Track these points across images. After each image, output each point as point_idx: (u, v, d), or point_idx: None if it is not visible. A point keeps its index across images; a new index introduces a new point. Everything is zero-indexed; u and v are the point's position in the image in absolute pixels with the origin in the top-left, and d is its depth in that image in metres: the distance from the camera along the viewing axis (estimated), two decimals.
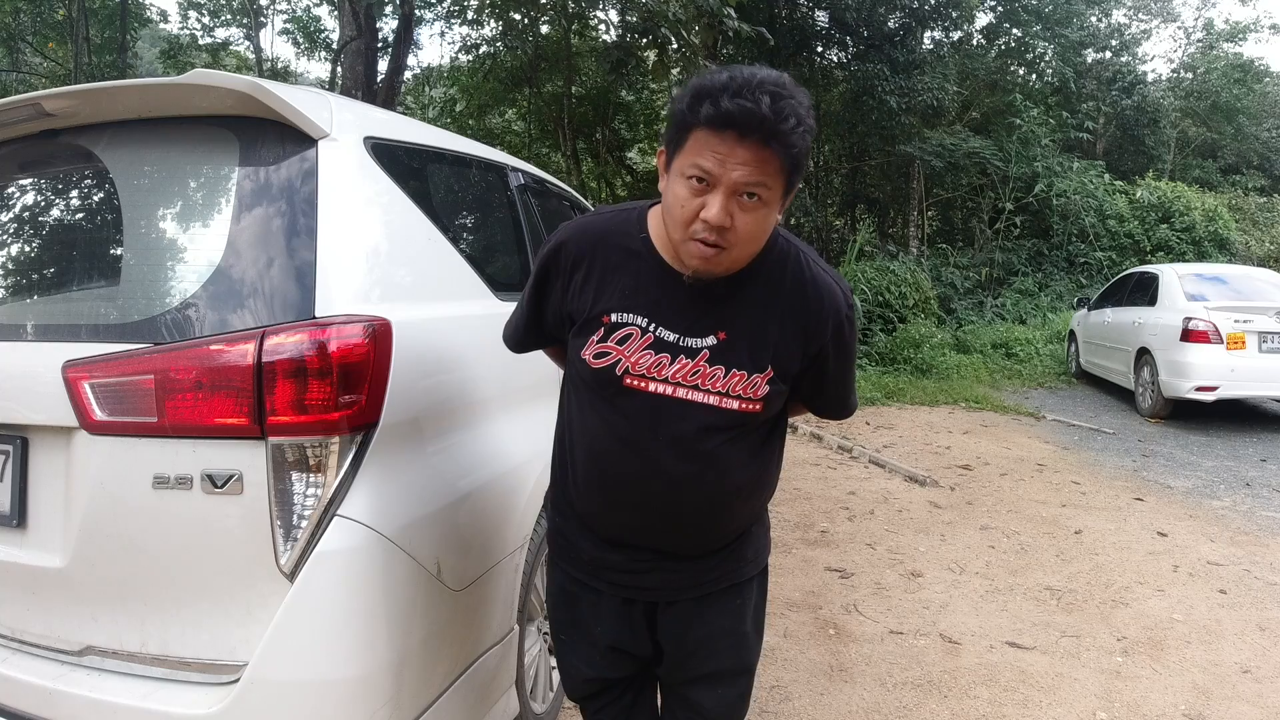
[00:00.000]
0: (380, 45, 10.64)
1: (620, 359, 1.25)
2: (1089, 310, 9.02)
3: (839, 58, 13.91)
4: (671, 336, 1.25)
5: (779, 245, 1.29)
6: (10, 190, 1.74)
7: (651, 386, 1.24)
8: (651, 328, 1.25)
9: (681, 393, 1.24)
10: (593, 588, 1.42)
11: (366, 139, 1.66)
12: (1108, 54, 17.25)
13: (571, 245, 1.32)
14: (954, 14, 12.95)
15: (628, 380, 1.25)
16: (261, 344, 1.34)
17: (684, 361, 1.24)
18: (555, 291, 1.34)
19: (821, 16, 13.15)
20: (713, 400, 1.24)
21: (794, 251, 1.30)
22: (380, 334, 1.43)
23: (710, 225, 1.12)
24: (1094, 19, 16.79)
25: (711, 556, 1.38)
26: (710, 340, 1.24)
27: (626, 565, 1.38)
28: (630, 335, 1.25)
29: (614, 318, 1.26)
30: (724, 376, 1.24)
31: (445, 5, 13.18)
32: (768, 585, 1.52)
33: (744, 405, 1.25)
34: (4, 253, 1.70)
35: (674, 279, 1.25)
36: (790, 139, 1.09)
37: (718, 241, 1.14)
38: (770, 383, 1.25)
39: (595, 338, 1.26)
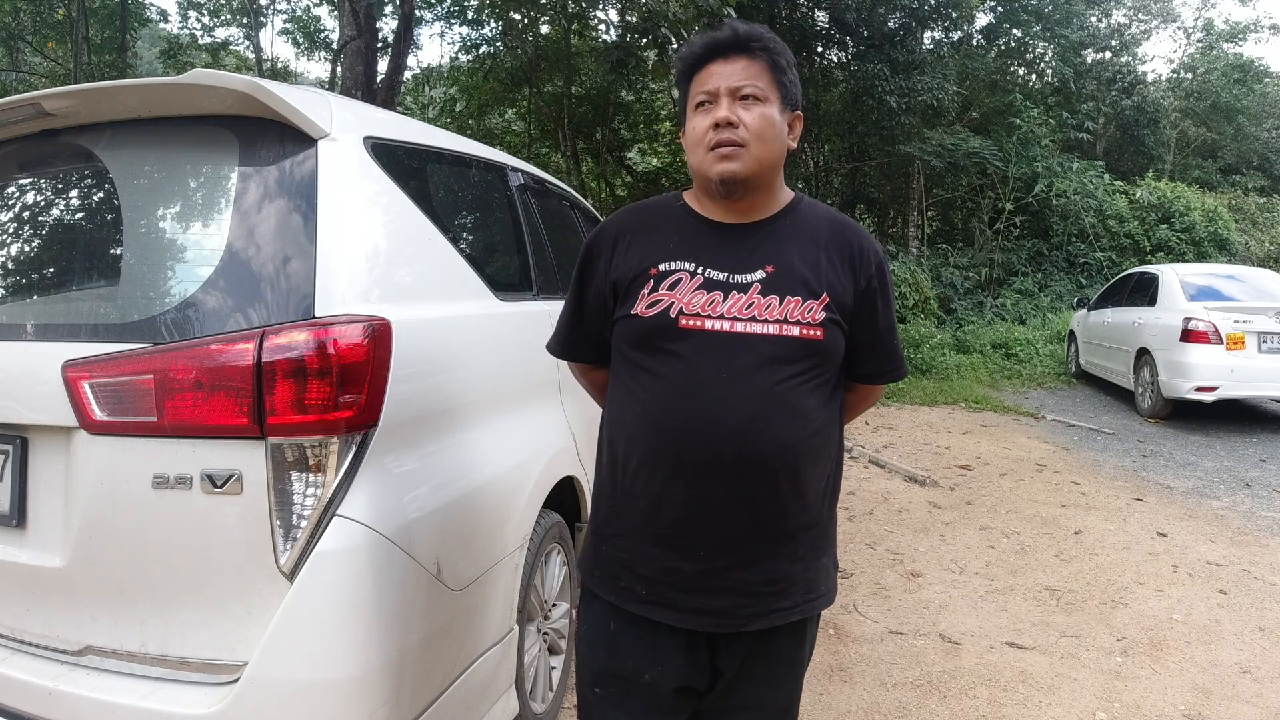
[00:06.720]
0: (380, 45, 10.64)
1: (673, 302, 1.26)
2: (1089, 310, 9.01)
3: (839, 58, 13.88)
4: (720, 275, 1.27)
5: (806, 199, 1.39)
6: (10, 190, 1.74)
7: (708, 325, 1.24)
8: (700, 270, 1.27)
9: (739, 326, 1.23)
10: (647, 621, 1.28)
11: (366, 139, 1.66)
12: (1108, 54, 17.24)
13: (611, 226, 1.40)
14: (954, 14, 12.92)
15: (683, 321, 1.24)
16: (261, 344, 1.34)
17: (736, 296, 1.25)
18: (598, 272, 1.37)
19: (821, 16, 13.13)
20: (772, 330, 1.23)
21: (822, 204, 1.41)
22: (380, 334, 1.44)
23: (721, 122, 1.25)
24: (1094, 19, 16.78)
25: (783, 558, 1.27)
26: (759, 274, 1.27)
27: (696, 580, 1.25)
28: (680, 280, 1.27)
29: (662, 267, 1.29)
30: (780, 304, 1.24)
31: (445, 5, 13.18)
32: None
33: (805, 331, 1.24)
34: (4, 253, 1.70)
35: (716, 229, 1.32)
36: (763, 42, 1.28)
37: (732, 138, 1.24)
38: (826, 309, 1.26)
39: (645, 290, 1.28)
